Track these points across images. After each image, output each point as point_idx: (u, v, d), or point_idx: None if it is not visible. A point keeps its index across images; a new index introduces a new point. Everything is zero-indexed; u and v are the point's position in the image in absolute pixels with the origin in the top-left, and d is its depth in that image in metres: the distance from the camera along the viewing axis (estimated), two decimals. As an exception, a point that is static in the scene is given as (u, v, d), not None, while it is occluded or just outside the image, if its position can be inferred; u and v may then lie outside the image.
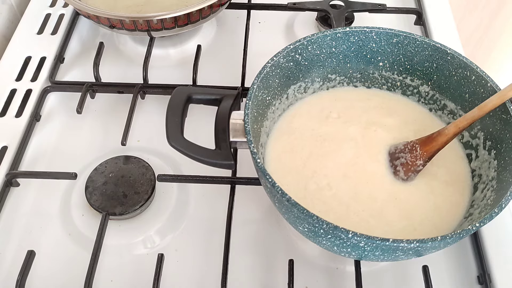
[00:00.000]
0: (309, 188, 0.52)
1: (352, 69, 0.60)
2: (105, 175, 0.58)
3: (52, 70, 0.71)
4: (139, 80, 0.69)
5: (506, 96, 0.49)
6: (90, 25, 0.79)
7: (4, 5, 0.81)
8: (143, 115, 0.68)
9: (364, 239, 0.40)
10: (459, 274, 0.55)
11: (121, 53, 0.76)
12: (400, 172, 0.53)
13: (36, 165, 0.63)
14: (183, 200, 0.60)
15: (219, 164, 0.49)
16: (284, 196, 0.43)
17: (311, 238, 0.47)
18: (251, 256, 0.56)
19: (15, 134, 0.64)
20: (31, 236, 0.57)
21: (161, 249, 0.56)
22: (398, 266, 0.55)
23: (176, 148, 0.49)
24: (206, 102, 0.54)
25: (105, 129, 0.67)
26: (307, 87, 0.60)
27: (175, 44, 0.76)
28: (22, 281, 0.51)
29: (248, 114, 0.48)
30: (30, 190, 0.60)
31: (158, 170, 0.60)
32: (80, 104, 0.65)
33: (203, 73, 0.71)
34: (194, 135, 0.52)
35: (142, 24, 0.66)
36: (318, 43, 0.56)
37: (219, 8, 0.71)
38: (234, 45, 0.77)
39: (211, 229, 0.57)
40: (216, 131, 0.50)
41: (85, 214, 0.57)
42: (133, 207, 0.56)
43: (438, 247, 0.43)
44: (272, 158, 0.55)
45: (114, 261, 0.55)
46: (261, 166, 0.45)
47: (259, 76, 0.52)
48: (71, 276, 0.54)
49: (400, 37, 0.56)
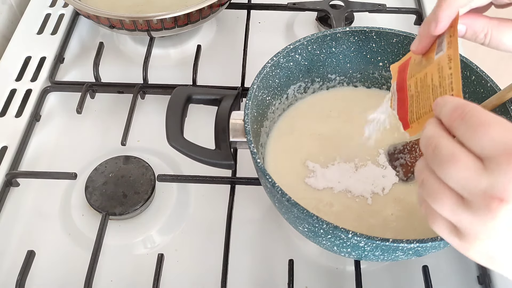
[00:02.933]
0: (309, 188, 0.52)
1: (352, 69, 0.60)
2: (105, 175, 0.58)
3: (52, 70, 0.71)
4: (139, 80, 0.69)
5: (506, 96, 0.49)
6: (90, 25, 0.79)
7: (4, 5, 0.81)
8: (143, 115, 0.68)
9: (364, 239, 0.40)
10: (459, 274, 0.55)
11: (121, 53, 0.76)
12: (399, 173, 0.53)
13: (36, 165, 0.63)
14: (183, 200, 0.60)
15: (219, 164, 0.49)
16: (284, 196, 0.43)
17: (311, 238, 0.47)
18: (251, 256, 0.56)
19: (15, 134, 0.64)
20: (31, 236, 0.57)
21: (161, 249, 0.56)
22: (398, 266, 0.55)
23: (176, 148, 0.49)
24: (206, 102, 0.54)
25: (105, 129, 0.67)
26: (307, 87, 0.60)
27: (175, 44, 0.76)
28: (22, 281, 0.51)
29: (248, 114, 0.48)
30: (30, 190, 0.60)
31: (158, 170, 0.60)
32: (80, 104, 0.65)
33: (203, 73, 0.71)
34: (194, 135, 0.52)
35: (142, 24, 0.66)
36: (318, 43, 0.56)
37: (219, 8, 0.71)
38: (234, 45, 0.77)
39: (211, 229, 0.57)
40: (216, 131, 0.50)
41: (85, 214, 0.57)
42: (133, 207, 0.56)
43: (438, 247, 0.42)
44: (272, 158, 0.55)
45: (114, 261, 0.55)
46: (261, 166, 0.45)
47: (259, 76, 0.52)
48: (71, 276, 0.54)
49: (400, 37, 0.56)
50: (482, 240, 0.31)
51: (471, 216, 0.31)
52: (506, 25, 0.41)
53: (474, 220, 0.31)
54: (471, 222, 0.31)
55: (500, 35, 0.41)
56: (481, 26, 0.41)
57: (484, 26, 0.41)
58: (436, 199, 0.32)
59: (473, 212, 0.31)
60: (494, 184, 0.30)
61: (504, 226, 0.30)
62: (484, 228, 0.31)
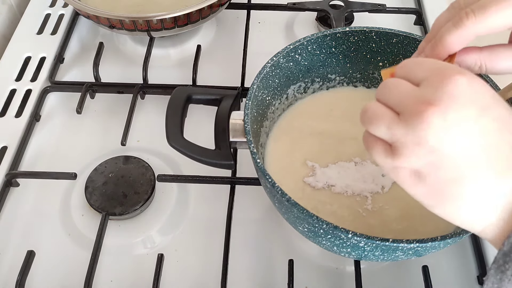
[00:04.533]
0: (309, 188, 0.52)
1: (352, 69, 0.60)
2: (105, 175, 0.58)
3: (52, 70, 0.71)
4: (139, 80, 0.69)
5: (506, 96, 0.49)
6: (90, 25, 0.79)
7: (4, 5, 0.81)
8: (143, 115, 0.68)
9: (364, 239, 0.40)
10: (459, 274, 0.55)
11: (121, 53, 0.76)
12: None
13: (36, 165, 0.63)
14: (183, 200, 0.60)
15: (219, 164, 0.49)
16: (284, 196, 0.43)
17: (311, 238, 0.47)
18: (251, 256, 0.56)
19: (15, 134, 0.64)
20: (31, 236, 0.57)
21: (161, 249, 0.56)
22: (398, 266, 0.55)
23: (176, 148, 0.49)
24: (206, 102, 0.54)
25: (105, 129, 0.67)
26: (307, 87, 0.60)
27: (175, 44, 0.76)
28: (22, 281, 0.51)
29: (248, 114, 0.48)
30: (30, 190, 0.60)
31: (158, 170, 0.60)
32: (80, 104, 0.65)
33: (203, 73, 0.71)
34: (194, 135, 0.52)
35: (142, 24, 0.66)
36: (318, 43, 0.56)
37: (219, 8, 0.71)
38: (234, 45, 0.77)
39: (211, 229, 0.57)
40: (216, 131, 0.50)
41: (85, 214, 0.57)
42: (133, 207, 0.56)
43: (438, 247, 0.42)
44: (272, 158, 0.55)
45: (114, 261, 0.55)
46: (261, 166, 0.45)
47: (259, 76, 0.52)
48: (71, 276, 0.54)
49: (400, 37, 0.56)
50: (411, 149, 0.33)
51: (404, 127, 0.33)
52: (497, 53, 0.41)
53: (406, 130, 0.33)
54: (404, 133, 0.33)
55: (494, 64, 0.42)
56: (473, 60, 0.42)
57: (476, 59, 0.41)
58: (375, 119, 0.35)
59: (405, 122, 0.33)
60: (424, 93, 0.33)
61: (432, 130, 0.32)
62: (413, 134, 0.33)
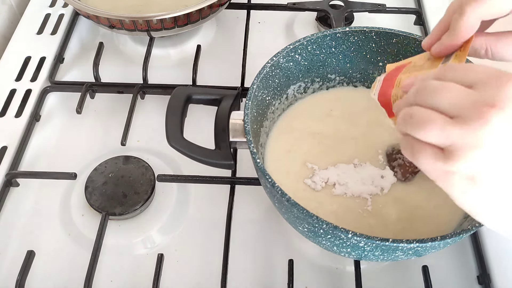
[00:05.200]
0: (309, 189, 0.52)
1: (352, 69, 0.60)
2: (105, 175, 0.58)
3: (51, 70, 0.71)
4: (139, 80, 0.69)
5: None
6: (90, 25, 0.79)
7: (4, 5, 0.81)
8: (143, 115, 0.68)
9: (364, 239, 0.40)
10: (459, 274, 0.55)
11: (121, 53, 0.76)
12: (397, 174, 0.53)
13: (36, 165, 0.63)
14: (183, 200, 0.60)
15: (219, 164, 0.49)
16: (284, 196, 0.43)
17: (311, 238, 0.47)
18: (251, 256, 0.56)
19: (15, 134, 0.64)
20: (31, 236, 0.57)
21: (161, 249, 0.56)
22: (398, 266, 0.55)
23: (176, 148, 0.49)
24: (206, 102, 0.54)
25: (105, 129, 0.67)
26: (306, 87, 0.60)
27: (175, 44, 0.76)
28: (22, 281, 0.51)
29: (247, 114, 0.48)
30: (30, 190, 0.60)
31: (158, 170, 0.60)
32: (80, 104, 0.65)
33: (203, 73, 0.71)
34: (194, 135, 0.52)
35: (142, 24, 0.66)
36: (317, 43, 0.56)
37: (219, 8, 0.71)
38: (234, 45, 0.77)
39: (211, 229, 0.57)
40: (216, 131, 0.50)
41: (85, 214, 0.57)
42: (133, 207, 0.56)
43: (438, 247, 0.42)
44: (272, 158, 0.55)
45: (114, 261, 0.55)
46: (261, 166, 0.45)
47: (258, 76, 0.52)
48: (71, 276, 0.54)
49: (400, 37, 0.56)
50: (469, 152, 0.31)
51: (461, 128, 0.31)
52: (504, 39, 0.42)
53: (464, 131, 0.31)
54: (461, 134, 0.31)
55: (500, 49, 0.42)
56: (479, 44, 0.42)
57: (482, 44, 0.41)
58: (427, 123, 0.32)
59: (463, 123, 0.31)
60: (484, 96, 0.30)
61: (494, 133, 0.30)
62: (473, 137, 0.30)
